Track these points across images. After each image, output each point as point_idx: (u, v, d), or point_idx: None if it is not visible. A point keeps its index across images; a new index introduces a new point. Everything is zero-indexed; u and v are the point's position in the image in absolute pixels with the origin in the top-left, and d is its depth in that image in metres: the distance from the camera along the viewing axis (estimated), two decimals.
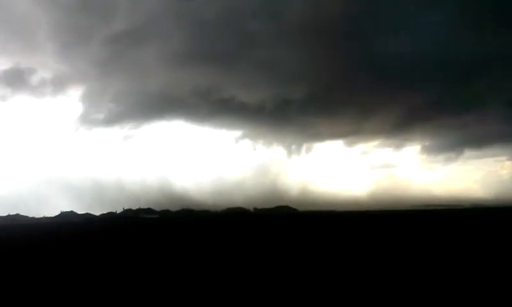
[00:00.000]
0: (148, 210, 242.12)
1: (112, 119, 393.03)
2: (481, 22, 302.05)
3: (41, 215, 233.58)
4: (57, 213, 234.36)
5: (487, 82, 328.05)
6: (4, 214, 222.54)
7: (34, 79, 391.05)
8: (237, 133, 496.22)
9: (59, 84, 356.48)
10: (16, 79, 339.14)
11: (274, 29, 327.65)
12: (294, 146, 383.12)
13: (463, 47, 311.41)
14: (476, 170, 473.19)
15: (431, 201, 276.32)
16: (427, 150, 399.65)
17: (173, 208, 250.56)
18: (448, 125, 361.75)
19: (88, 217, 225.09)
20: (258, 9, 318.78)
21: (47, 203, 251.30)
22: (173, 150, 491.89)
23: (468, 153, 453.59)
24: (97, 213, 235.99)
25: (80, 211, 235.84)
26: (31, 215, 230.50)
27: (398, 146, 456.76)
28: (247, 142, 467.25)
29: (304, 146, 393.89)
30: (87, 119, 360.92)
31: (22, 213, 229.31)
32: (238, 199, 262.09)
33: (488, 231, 48.03)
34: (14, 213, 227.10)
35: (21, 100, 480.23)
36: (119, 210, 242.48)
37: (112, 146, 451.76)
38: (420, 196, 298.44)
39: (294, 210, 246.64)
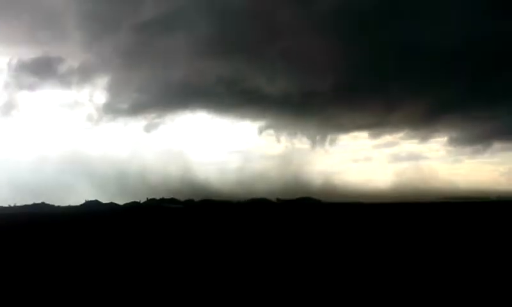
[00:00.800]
0: (172, 200, 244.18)
1: (136, 109, 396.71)
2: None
3: (66, 204, 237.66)
4: (81, 202, 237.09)
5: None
6: (30, 202, 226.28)
7: (62, 68, 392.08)
8: (261, 123, 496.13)
9: (85, 73, 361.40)
10: (44, 68, 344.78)
11: (300, 19, 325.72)
12: (318, 137, 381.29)
13: (493, 36, 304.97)
14: (504, 163, 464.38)
15: (456, 194, 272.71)
16: (454, 142, 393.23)
17: (197, 198, 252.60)
18: (476, 117, 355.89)
19: (112, 206, 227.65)
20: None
21: (71, 191, 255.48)
22: (196, 140, 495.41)
23: (496, 145, 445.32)
24: (121, 202, 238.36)
25: (104, 200, 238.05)
26: (56, 204, 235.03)
27: (424, 138, 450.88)
28: (271, 132, 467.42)
29: (329, 137, 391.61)
30: (111, 109, 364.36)
31: (47, 202, 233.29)
32: (261, 190, 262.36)
33: (508, 224, 47.55)
34: (40, 201, 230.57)
35: (48, 89, 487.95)
36: (142, 200, 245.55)
37: (136, 135, 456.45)
38: (445, 188, 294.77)
39: (318, 201, 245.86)
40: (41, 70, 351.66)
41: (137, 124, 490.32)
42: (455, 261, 21.18)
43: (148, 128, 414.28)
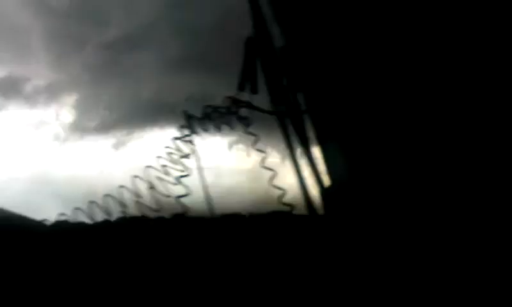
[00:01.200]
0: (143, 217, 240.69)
1: (105, 127, 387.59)
2: None
3: (39, 218, 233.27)
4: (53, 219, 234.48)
5: None
6: None
7: (27, 88, 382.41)
8: (231, 138, 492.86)
9: (52, 92, 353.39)
10: (9, 88, 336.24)
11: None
12: (287, 151, 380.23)
13: None
14: None
15: None
16: None
17: (167, 215, 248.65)
18: None
19: (80, 225, 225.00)
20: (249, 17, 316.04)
21: (40, 212, 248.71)
22: (165, 157, 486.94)
23: None
24: (91, 221, 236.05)
25: (73, 219, 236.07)
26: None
27: None
28: (241, 147, 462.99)
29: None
30: (79, 127, 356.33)
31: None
32: (233, 205, 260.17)
33: None
34: None
35: (14, 109, 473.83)
36: (113, 218, 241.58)
37: (104, 153, 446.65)
38: None
39: (290, 213, 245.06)
40: (6, 89, 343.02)
41: (106, 142, 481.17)
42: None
43: (116, 146, 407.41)
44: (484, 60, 8.07)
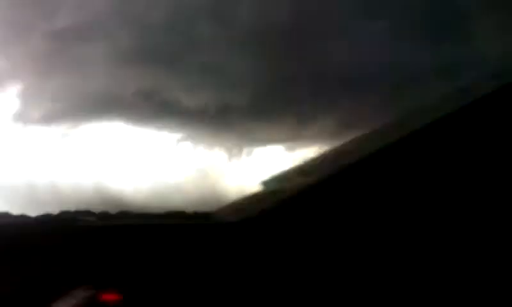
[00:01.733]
0: (86, 212, 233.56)
1: (49, 118, 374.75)
2: (418, 33, 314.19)
3: None
4: None
5: (419, 94, 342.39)
6: None
7: None
8: (178, 135, 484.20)
9: None
10: None
11: (220, 33, 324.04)
12: (235, 150, 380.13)
13: (401, 56, 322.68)
14: None
15: None
16: None
17: (112, 210, 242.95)
18: None
19: (22, 218, 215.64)
20: (205, 13, 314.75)
21: None
22: (111, 151, 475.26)
23: None
24: (33, 214, 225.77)
25: (15, 212, 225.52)
26: None
27: None
28: (188, 144, 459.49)
29: (245, 150, 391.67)
30: (23, 117, 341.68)
31: None
32: (178, 202, 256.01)
33: None
34: None
35: None
36: (56, 211, 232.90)
37: (48, 145, 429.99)
38: None
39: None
40: None
41: (50, 133, 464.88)
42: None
43: (61, 138, 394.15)
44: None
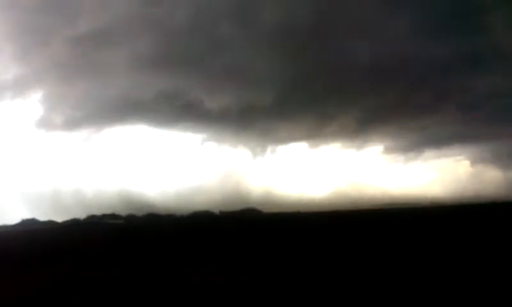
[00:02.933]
0: (113, 216, 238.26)
1: (72, 123, 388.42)
2: (438, 26, 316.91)
3: (0, 223, 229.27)
4: (17, 221, 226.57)
5: (442, 86, 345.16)
6: None
7: None
8: (203, 136, 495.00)
9: (18, 86, 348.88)
10: None
11: (242, 34, 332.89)
12: (258, 149, 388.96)
13: (420, 50, 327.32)
14: (435, 169, 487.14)
15: (391, 200, 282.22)
16: (388, 150, 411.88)
17: (138, 213, 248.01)
18: (407, 127, 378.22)
19: (50, 224, 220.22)
20: (227, 15, 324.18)
21: (5, 210, 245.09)
22: (136, 155, 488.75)
23: (427, 153, 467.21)
24: (60, 220, 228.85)
25: (42, 218, 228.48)
26: None
27: (360, 147, 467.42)
28: (212, 144, 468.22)
29: (269, 148, 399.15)
30: (46, 123, 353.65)
31: None
32: (204, 203, 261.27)
33: (442, 228, 50.92)
34: None
35: None
36: (83, 216, 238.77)
37: (71, 151, 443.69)
38: (381, 195, 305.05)
39: (260, 212, 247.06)
40: None
41: (73, 138, 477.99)
42: (393, 265, 23.26)
43: (85, 143, 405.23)
44: None
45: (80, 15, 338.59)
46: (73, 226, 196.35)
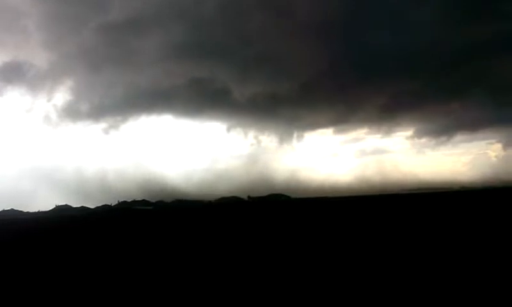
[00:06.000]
0: (143, 202, 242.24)
1: (101, 111, 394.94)
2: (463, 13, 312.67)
3: (36, 210, 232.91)
4: (52, 207, 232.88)
5: (470, 70, 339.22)
6: None
7: (25, 71, 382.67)
8: (229, 123, 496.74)
9: (49, 75, 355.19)
10: (8, 73, 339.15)
11: (270, 24, 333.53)
12: (285, 135, 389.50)
13: (446, 36, 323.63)
14: (465, 153, 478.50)
15: (420, 185, 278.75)
16: (417, 135, 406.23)
17: (167, 199, 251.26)
18: (437, 111, 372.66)
19: (83, 210, 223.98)
20: (257, 5, 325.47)
21: (40, 197, 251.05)
22: (162, 143, 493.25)
23: (458, 137, 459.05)
24: (92, 206, 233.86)
25: (75, 204, 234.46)
26: (25, 209, 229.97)
27: (387, 133, 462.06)
28: (239, 131, 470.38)
29: (295, 135, 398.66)
30: (76, 112, 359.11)
31: (17, 208, 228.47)
32: (232, 188, 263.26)
33: (473, 213, 50.15)
34: (8, 208, 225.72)
35: (10, 92, 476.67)
36: (113, 203, 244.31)
37: (99, 139, 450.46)
38: (409, 179, 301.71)
39: (288, 197, 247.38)
40: (5, 73, 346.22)
41: (99, 127, 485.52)
42: (426, 252, 22.69)
43: (112, 130, 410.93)
44: None
45: (112, 4, 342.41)
46: (105, 211, 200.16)
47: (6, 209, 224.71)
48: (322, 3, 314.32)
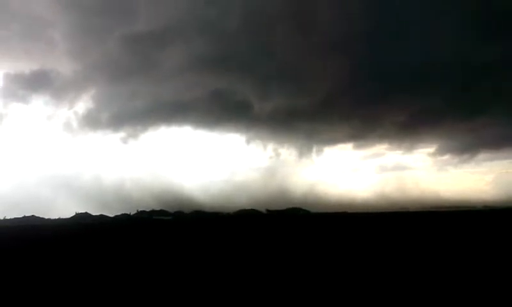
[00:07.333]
0: (162, 212, 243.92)
1: (121, 122, 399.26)
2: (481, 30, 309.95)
3: (56, 217, 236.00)
4: (71, 214, 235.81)
5: (490, 87, 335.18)
6: (20, 215, 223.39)
7: (50, 80, 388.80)
8: (248, 135, 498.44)
9: (73, 85, 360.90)
10: (32, 82, 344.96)
11: (292, 39, 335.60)
12: (304, 149, 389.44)
13: (464, 53, 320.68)
14: (489, 172, 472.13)
15: (441, 203, 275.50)
16: (440, 152, 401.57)
17: (186, 210, 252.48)
18: (460, 128, 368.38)
19: (102, 217, 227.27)
20: (280, 19, 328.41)
21: (60, 204, 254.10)
22: (181, 154, 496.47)
23: (481, 155, 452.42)
24: (111, 214, 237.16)
25: (94, 212, 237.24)
26: (46, 216, 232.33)
27: (409, 149, 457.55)
28: (258, 143, 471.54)
29: (315, 149, 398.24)
30: (96, 121, 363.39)
31: (37, 214, 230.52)
32: (250, 201, 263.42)
33: (494, 232, 49.16)
34: (29, 215, 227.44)
35: (34, 101, 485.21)
36: (132, 212, 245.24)
37: (119, 148, 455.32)
38: (431, 198, 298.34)
39: (306, 211, 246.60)
40: (31, 81, 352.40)
41: (118, 136, 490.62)
42: (445, 270, 22.37)
43: (131, 140, 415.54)
44: None
45: (137, 16, 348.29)
46: (124, 220, 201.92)
47: (27, 215, 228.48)
48: (343, 19, 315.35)
